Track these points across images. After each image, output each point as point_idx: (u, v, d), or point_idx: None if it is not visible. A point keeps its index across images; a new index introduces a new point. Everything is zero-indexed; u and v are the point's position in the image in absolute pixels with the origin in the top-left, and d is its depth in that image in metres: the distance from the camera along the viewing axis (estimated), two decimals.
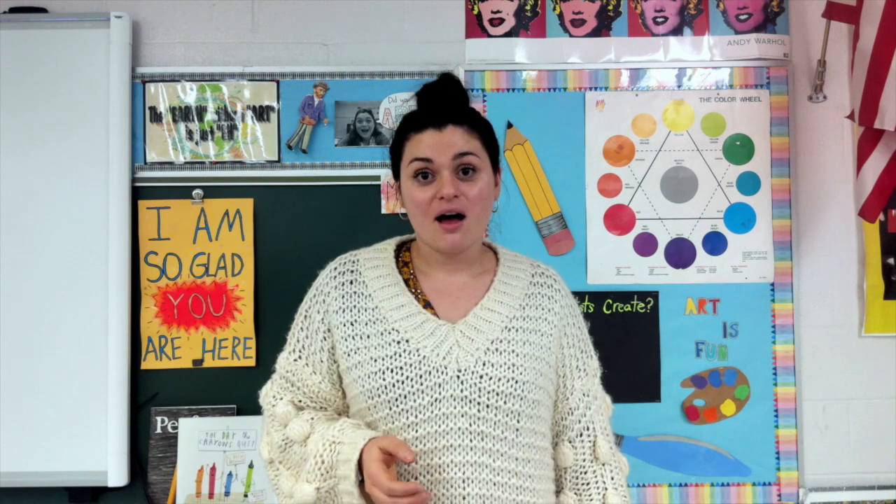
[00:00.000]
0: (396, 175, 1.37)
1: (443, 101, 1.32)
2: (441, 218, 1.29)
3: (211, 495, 2.09)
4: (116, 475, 2.09)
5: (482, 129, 1.33)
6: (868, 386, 2.25)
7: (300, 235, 2.21)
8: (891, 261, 2.26)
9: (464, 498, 1.23)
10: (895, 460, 2.24)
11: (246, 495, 2.09)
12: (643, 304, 2.23)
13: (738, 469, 2.21)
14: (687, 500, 2.21)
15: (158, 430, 2.16)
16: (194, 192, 2.21)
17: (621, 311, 2.23)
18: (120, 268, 2.13)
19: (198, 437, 2.12)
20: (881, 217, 2.24)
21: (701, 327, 2.23)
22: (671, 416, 2.21)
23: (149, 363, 2.18)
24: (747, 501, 2.21)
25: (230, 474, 2.10)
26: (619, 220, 2.25)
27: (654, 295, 2.23)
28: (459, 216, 1.29)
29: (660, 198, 2.25)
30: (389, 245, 1.41)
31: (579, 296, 2.22)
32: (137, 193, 2.20)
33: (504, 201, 2.21)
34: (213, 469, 2.10)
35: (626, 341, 2.22)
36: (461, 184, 1.28)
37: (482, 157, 1.31)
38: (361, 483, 1.19)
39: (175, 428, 2.15)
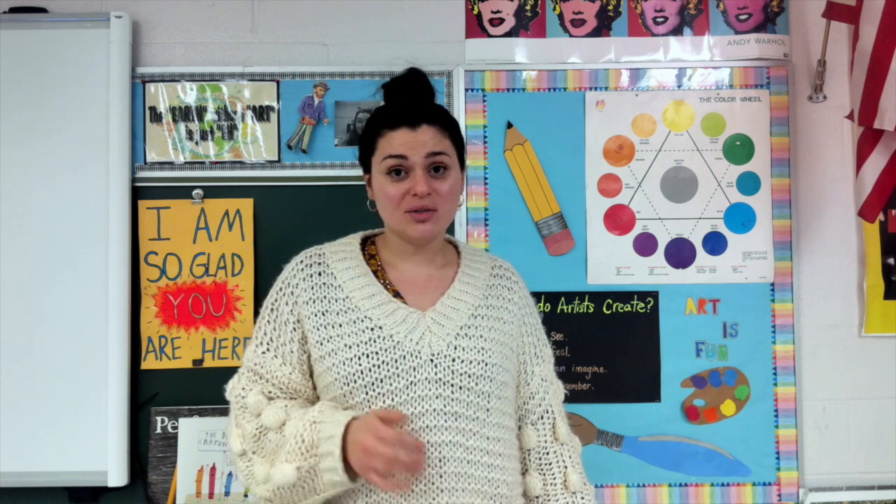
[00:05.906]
0: (367, 167, 1.42)
1: (413, 97, 1.39)
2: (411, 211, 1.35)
3: (211, 495, 2.09)
4: (116, 475, 2.09)
5: (452, 129, 1.40)
6: (868, 386, 2.25)
7: (300, 235, 2.18)
8: (891, 261, 2.26)
9: (441, 476, 1.28)
10: (895, 460, 2.24)
11: (246, 495, 2.09)
12: (643, 304, 2.23)
13: (738, 469, 2.21)
14: (687, 500, 2.21)
15: (158, 430, 2.16)
16: (194, 192, 2.21)
17: (621, 311, 2.23)
18: (120, 268, 2.13)
19: (198, 437, 2.12)
20: (881, 217, 2.24)
21: (701, 327, 2.23)
22: (671, 416, 2.21)
23: (149, 363, 2.18)
24: (747, 501, 2.21)
25: (230, 474, 2.10)
26: (619, 220, 2.25)
27: (654, 295, 2.23)
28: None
29: (660, 198, 2.25)
30: (354, 239, 1.46)
31: (579, 296, 2.22)
32: (137, 193, 2.20)
33: (505, 201, 2.23)
34: (213, 469, 2.10)
35: (626, 341, 2.22)
36: (433, 181, 1.35)
37: (452, 155, 1.39)
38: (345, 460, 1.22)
39: (175, 428, 2.15)
